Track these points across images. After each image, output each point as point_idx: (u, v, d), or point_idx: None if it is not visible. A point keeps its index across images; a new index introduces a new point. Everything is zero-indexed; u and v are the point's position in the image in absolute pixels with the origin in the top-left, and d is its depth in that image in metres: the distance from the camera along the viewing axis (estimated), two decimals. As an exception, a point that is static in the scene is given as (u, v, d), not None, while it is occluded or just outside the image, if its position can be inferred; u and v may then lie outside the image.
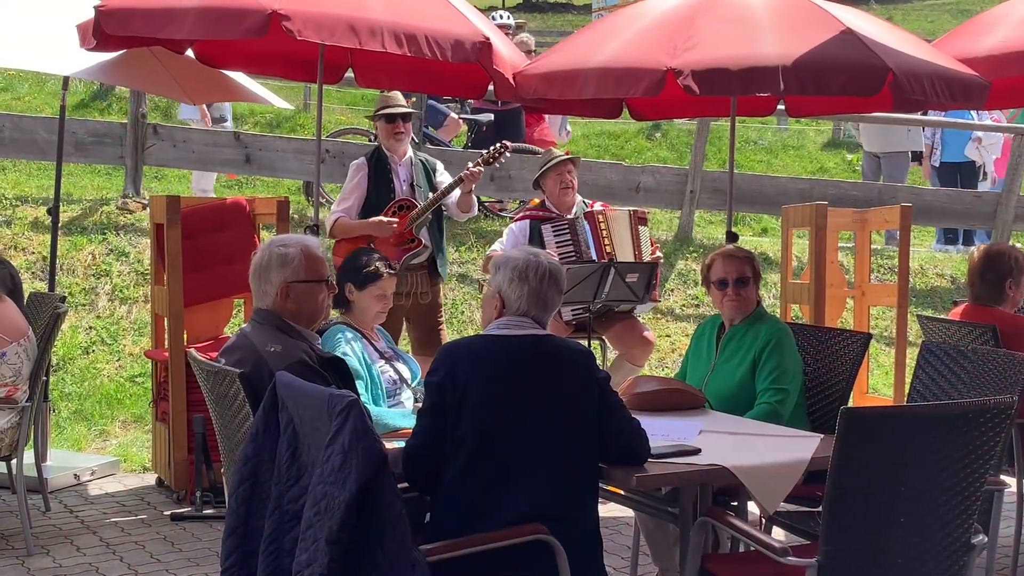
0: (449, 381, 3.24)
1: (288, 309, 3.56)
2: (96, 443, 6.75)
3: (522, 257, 3.44)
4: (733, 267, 4.43)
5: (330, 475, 2.81)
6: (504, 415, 3.20)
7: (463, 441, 3.20)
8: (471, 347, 3.34)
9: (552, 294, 3.41)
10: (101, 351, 7.62)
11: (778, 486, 3.34)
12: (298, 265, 3.55)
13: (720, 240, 9.48)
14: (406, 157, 6.16)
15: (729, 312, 4.45)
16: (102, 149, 9.33)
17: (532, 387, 3.23)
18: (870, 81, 4.83)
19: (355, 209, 6.09)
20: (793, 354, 4.34)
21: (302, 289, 3.56)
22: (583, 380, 3.28)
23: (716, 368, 4.43)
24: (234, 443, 3.43)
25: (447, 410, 3.23)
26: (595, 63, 5.13)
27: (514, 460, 3.18)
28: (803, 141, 14.79)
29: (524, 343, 3.31)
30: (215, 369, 3.46)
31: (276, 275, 3.56)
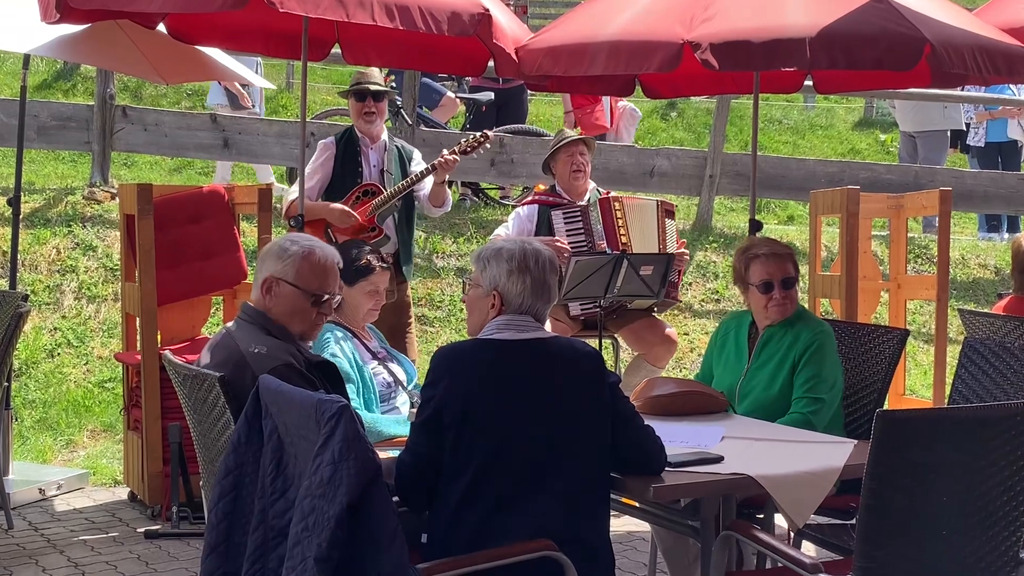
0: (448, 395, 3.22)
1: (270, 307, 3.56)
2: (63, 454, 6.76)
3: (515, 247, 3.41)
4: (777, 267, 4.34)
5: (319, 488, 2.81)
6: (511, 432, 3.19)
7: (465, 461, 3.19)
8: (472, 355, 3.29)
9: (554, 283, 3.41)
10: (67, 354, 7.63)
11: (808, 497, 3.34)
12: (292, 264, 3.53)
13: (742, 229, 9.48)
14: (380, 141, 6.15)
15: (775, 316, 4.36)
16: (66, 134, 9.34)
17: (540, 398, 3.22)
18: (906, 54, 4.82)
19: (316, 190, 6.05)
20: (834, 361, 4.30)
21: (285, 291, 3.53)
22: (594, 386, 3.28)
23: (750, 372, 4.39)
24: (214, 453, 3.43)
25: (446, 427, 3.21)
26: (605, 36, 5.12)
27: (521, 480, 3.18)
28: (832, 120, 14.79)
29: (530, 348, 3.29)
30: (192, 373, 3.46)
31: (268, 265, 3.56)
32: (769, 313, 4.37)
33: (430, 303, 8.40)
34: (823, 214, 6.45)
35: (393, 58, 6.27)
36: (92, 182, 9.15)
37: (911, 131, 10.94)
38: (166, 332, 6.00)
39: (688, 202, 10.41)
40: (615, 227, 5.97)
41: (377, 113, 6.11)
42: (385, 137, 6.19)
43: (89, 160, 9.55)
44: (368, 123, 6.10)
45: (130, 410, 6.01)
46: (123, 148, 9.54)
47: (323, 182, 6.08)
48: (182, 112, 10.49)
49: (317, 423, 2.87)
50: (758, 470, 3.33)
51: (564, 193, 6.14)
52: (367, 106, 6.10)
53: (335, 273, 3.62)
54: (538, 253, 3.40)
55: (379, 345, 4.72)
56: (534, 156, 8.90)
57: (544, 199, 6.15)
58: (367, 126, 6.10)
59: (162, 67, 6.63)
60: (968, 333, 5.31)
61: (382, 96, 6.14)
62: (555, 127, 11.24)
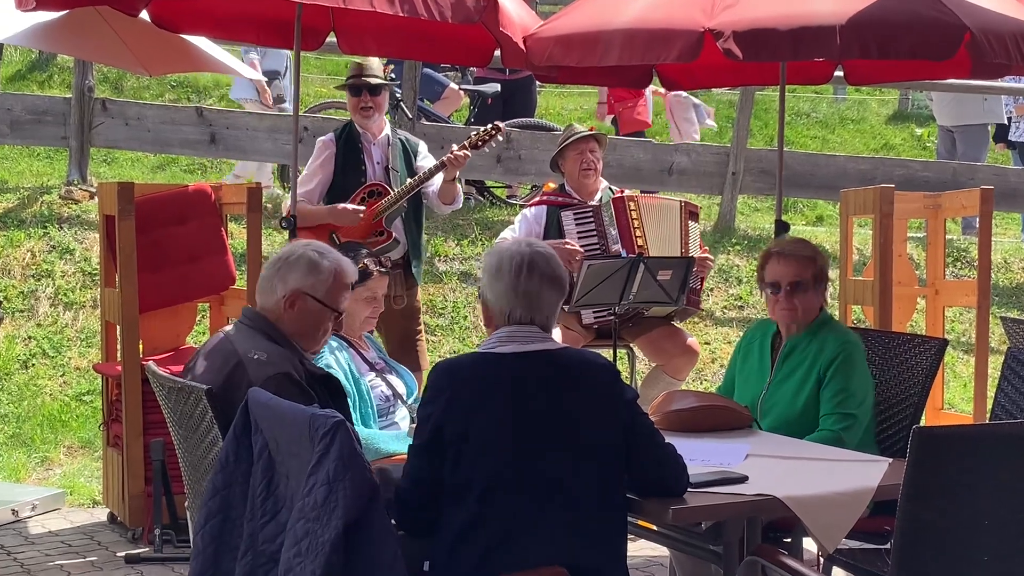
0: (447, 415, 3.21)
1: (286, 319, 3.60)
2: (38, 472, 6.76)
3: (496, 250, 3.39)
4: (788, 269, 4.34)
5: (312, 510, 2.81)
6: (515, 452, 3.17)
7: (467, 483, 3.18)
8: (472, 370, 3.28)
9: (536, 287, 3.31)
10: (42, 365, 7.64)
11: (839, 519, 3.33)
12: (324, 281, 3.62)
13: (767, 230, 9.47)
14: (382, 135, 6.16)
15: (781, 321, 4.41)
16: (42, 128, 9.36)
17: (547, 417, 3.20)
18: (943, 42, 4.81)
19: (317, 193, 6.08)
20: (863, 373, 4.29)
21: (312, 307, 3.62)
22: (608, 402, 3.25)
23: (773, 386, 4.39)
24: (200, 472, 3.44)
25: (446, 448, 3.20)
26: (620, 23, 5.12)
27: (529, 503, 3.16)
28: (864, 113, 14.78)
29: (533, 361, 3.26)
30: (177, 385, 3.47)
31: (295, 277, 3.61)
32: (776, 317, 4.40)
33: (432, 310, 8.40)
34: (855, 214, 6.44)
35: (392, 47, 6.28)
36: (69, 180, 9.17)
37: (949, 125, 10.92)
38: (148, 341, 6.01)
39: (709, 201, 10.40)
40: (630, 228, 5.96)
41: (375, 108, 6.12)
42: (388, 131, 6.20)
43: (66, 157, 9.57)
44: (366, 118, 6.11)
45: (110, 425, 6.02)
46: (103, 144, 9.56)
47: (324, 183, 6.09)
48: (166, 105, 10.51)
49: (311, 440, 2.87)
50: (785, 491, 3.32)
51: (574, 192, 6.14)
52: (363, 101, 6.11)
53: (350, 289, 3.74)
54: (513, 255, 3.34)
55: (377, 356, 4.72)
56: (543, 152, 8.90)
57: (553, 199, 6.14)
58: (365, 121, 6.11)
59: (145, 57, 6.64)
60: (1011, 343, 5.30)
61: (379, 89, 6.14)
62: (565, 121, 11.25)
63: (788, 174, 8.55)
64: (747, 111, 9.80)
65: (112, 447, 5.96)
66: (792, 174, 9.37)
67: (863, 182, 9.19)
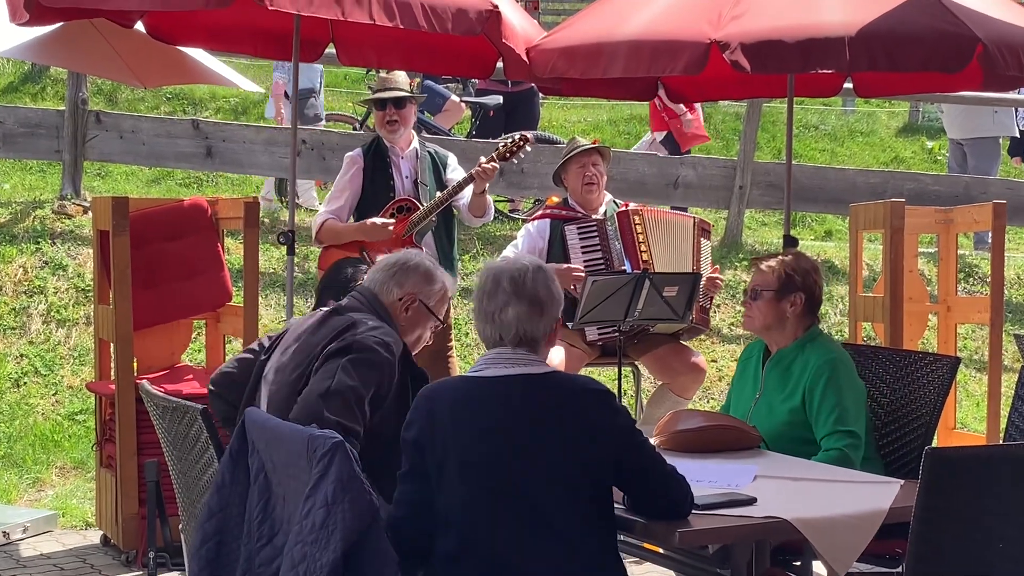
0: (427, 439, 3.19)
1: (399, 320, 3.89)
2: (29, 494, 6.75)
3: (484, 268, 3.40)
4: (754, 277, 4.50)
5: (310, 533, 2.81)
6: (494, 482, 3.15)
7: (450, 513, 3.17)
8: (452, 394, 3.26)
9: (500, 305, 3.27)
10: (34, 383, 7.64)
11: (850, 542, 3.32)
12: (436, 292, 3.97)
13: (775, 245, 9.46)
14: (410, 148, 6.17)
15: (744, 326, 4.55)
16: (35, 141, 9.36)
17: (527, 443, 3.16)
18: (955, 54, 4.83)
19: (346, 210, 6.10)
20: (852, 385, 4.30)
21: (422, 313, 3.94)
22: (593, 429, 3.18)
23: (760, 401, 4.42)
24: (195, 494, 3.43)
25: (429, 473, 3.19)
26: (625, 35, 5.13)
27: (516, 531, 3.14)
28: (874, 126, 14.79)
29: (514, 386, 3.22)
30: (172, 405, 3.47)
31: (414, 282, 3.93)
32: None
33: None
34: (864, 229, 6.44)
35: (393, 59, 6.29)
36: (63, 195, 9.17)
37: (960, 138, 10.93)
38: (143, 359, 6.00)
39: (716, 216, 10.40)
40: (635, 243, 5.96)
41: (400, 121, 6.12)
42: (416, 144, 6.21)
43: (59, 170, 9.58)
44: (392, 132, 6.12)
45: (103, 445, 6.01)
46: (97, 157, 9.57)
47: (353, 199, 6.11)
48: (161, 118, 10.52)
49: (308, 461, 2.87)
50: (795, 513, 3.31)
51: (577, 206, 6.14)
52: (388, 114, 6.12)
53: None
54: (484, 273, 3.34)
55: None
56: (547, 165, 8.91)
57: (556, 213, 6.15)
58: (391, 135, 6.13)
59: (140, 69, 6.65)
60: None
61: (404, 102, 6.15)
62: (569, 133, 11.26)
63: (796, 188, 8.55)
64: (754, 123, 9.81)
65: (105, 468, 5.95)
66: (800, 188, 9.37)
67: (873, 196, 9.20)
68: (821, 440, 4.22)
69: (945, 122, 11.45)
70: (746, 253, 9.50)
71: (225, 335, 6.38)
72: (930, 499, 2.88)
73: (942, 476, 2.87)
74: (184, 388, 5.81)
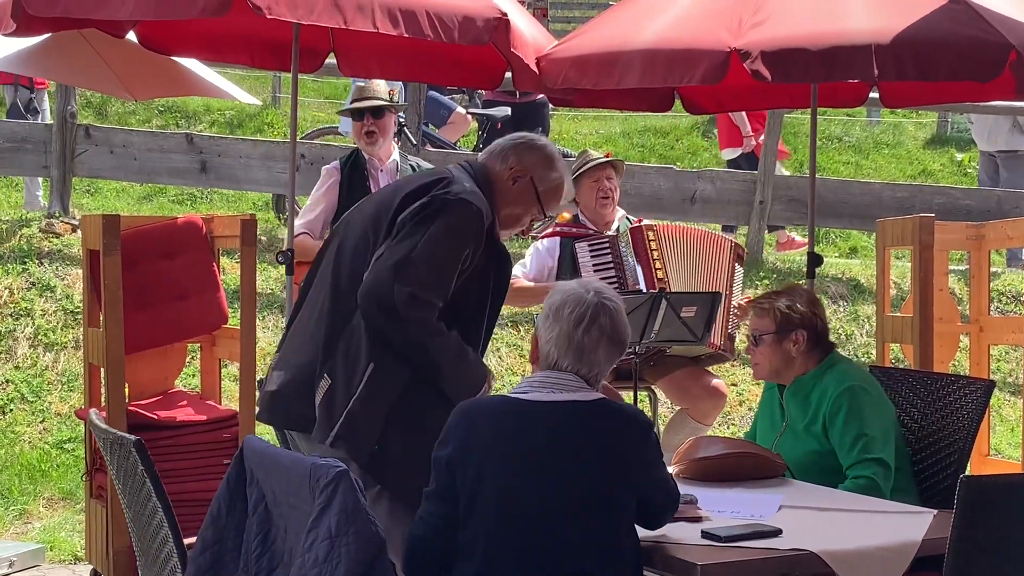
0: (461, 459, 3.21)
1: (503, 189, 4.01)
2: (15, 526, 6.75)
3: (568, 289, 3.39)
4: (752, 321, 4.54)
5: (313, 567, 2.80)
6: (524, 509, 3.16)
7: (475, 538, 3.18)
8: (492, 413, 3.29)
9: (593, 343, 3.32)
10: (21, 410, 7.64)
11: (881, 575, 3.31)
12: (552, 180, 4.08)
13: (798, 263, 9.46)
14: (390, 161, 6.19)
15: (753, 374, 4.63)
16: (21, 157, 9.40)
17: (563, 473, 3.18)
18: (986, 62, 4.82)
19: (320, 224, 6.10)
20: (876, 411, 4.29)
21: (528, 193, 4.05)
22: (627, 463, 3.22)
23: (786, 431, 4.44)
24: (148, 535, 3.37)
25: (458, 494, 3.21)
26: (640, 44, 5.13)
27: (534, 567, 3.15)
28: (901, 137, 14.79)
29: (558, 412, 3.25)
30: (110, 437, 3.42)
31: (533, 160, 4.04)
32: None
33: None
34: (892, 246, 6.43)
35: (396, 69, 6.31)
36: (50, 212, 9.20)
37: (992, 150, 10.92)
38: (135, 385, 6.00)
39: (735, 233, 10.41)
40: (650, 260, 5.96)
41: (379, 132, 6.15)
42: (396, 156, 6.23)
43: (47, 187, 9.61)
44: (370, 144, 6.14)
45: (93, 475, 6.01)
46: (86, 173, 9.60)
47: (328, 213, 6.12)
48: (153, 132, 10.56)
49: (311, 491, 2.87)
50: (823, 545, 3.30)
51: (589, 223, 6.14)
52: (366, 125, 6.15)
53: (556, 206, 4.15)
54: (579, 302, 3.33)
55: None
56: (557, 180, 8.91)
57: (567, 230, 6.15)
58: (370, 147, 6.15)
59: (131, 81, 6.67)
60: (1063, 384, 5.28)
61: (383, 112, 6.17)
62: (580, 146, 11.28)
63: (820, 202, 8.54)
64: (775, 135, 9.82)
65: (95, 499, 5.94)
66: (824, 202, 9.37)
67: (900, 211, 9.19)
68: (847, 470, 4.21)
69: (975, 133, 11.44)
70: (767, 271, 9.49)
71: (221, 359, 6.38)
72: (966, 530, 2.87)
73: (979, 506, 2.86)
74: (178, 415, 5.81)
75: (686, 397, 6.10)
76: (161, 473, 3.43)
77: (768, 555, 3.28)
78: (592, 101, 6.19)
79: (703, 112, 6.73)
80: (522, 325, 8.63)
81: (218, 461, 5.65)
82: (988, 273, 6.76)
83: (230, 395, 6.40)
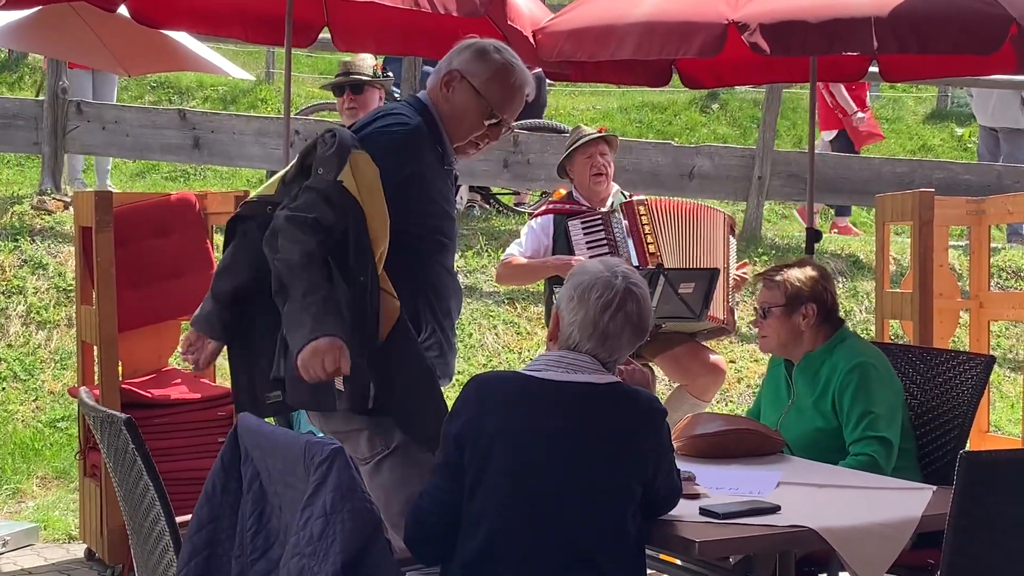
0: (472, 433, 3.21)
1: (441, 100, 3.80)
2: (9, 505, 6.76)
3: (596, 271, 3.34)
4: (761, 293, 4.51)
5: (308, 545, 2.80)
6: (528, 490, 3.16)
7: (480, 513, 3.18)
8: (506, 389, 3.27)
9: (618, 329, 3.29)
10: (13, 389, 7.64)
11: (879, 552, 3.31)
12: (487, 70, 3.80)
13: (797, 239, 9.46)
14: None
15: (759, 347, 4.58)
16: (12, 133, 9.38)
17: (571, 454, 3.18)
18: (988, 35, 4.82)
19: None
20: (886, 390, 4.29)
21: (466, 94, 3.79)
22: (637, 447, 3.21)
23: (792, 408, 4.43)
24: (140, 514, 3.37)
25: (465, 470, 3.21)
26: (636, 16, 5.13)
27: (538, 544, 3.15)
28: (900, 112, 14.79)
29: (571, 392, 3.23)
30: (100, 415, 3.41)
31: (459, 60, 3.78)
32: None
33: (434, 327, 8.39)
34: (891, 221, 6.43)
35: (391, 43, 6.30)
36: (42, 189, 9.18)
37: (992, 125, 10.91)
38: (128, 363, 6.00)
39: (733, 208, 10.40)
40: (641, 235, 5.94)
41: (359, 108, 6.13)
42: None
43: (38, 164, 9.59)
44: (352, 119, 6.11)
45: (87, 454, 6.01)
46: (78, 150, 9.58)
47: None
48: (146, 108, 10.54)
49: (306, 469, 2.86)
50: (821, 521, 3.30)
51: (583, 199, 6.13)
52: (347, 101, 6.14)
53: (520, 102, 3.82)
54: (608, 286, 3.29)
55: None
56: (553, 156, 8.88)
57: (560, 207, 6.13)
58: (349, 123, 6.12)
59: (123, 56, 6.67)
60: (1063, 360, 5.28)
61: (362, 88, 6.14)
62: (577, 121, 11.25)
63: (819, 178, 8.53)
64: (774, 110, 9.80)
65: (89, 477, 5.95)
66: (823, 178, 9.35)
67: (900, 186, 9.19)
68: (849, 446, 4.22)
69: (975, 108, 11.43)
70: (765, 247, 9.49)
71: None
72: (965, 506, 2.87)
73: (978, 482, 2.86)
74: (172, 392, 5.81)
75: (685, 374, 6.10)
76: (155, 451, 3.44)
77: (766, 532, 3.27)
78: (588, 75, 6.18)
79: (701, 87, 6.73)
80: (519, 302, 8.63)
81: (212, 439, 5.65)
82: (988, 248, 6.75)
83: (224, 373, 6.38)
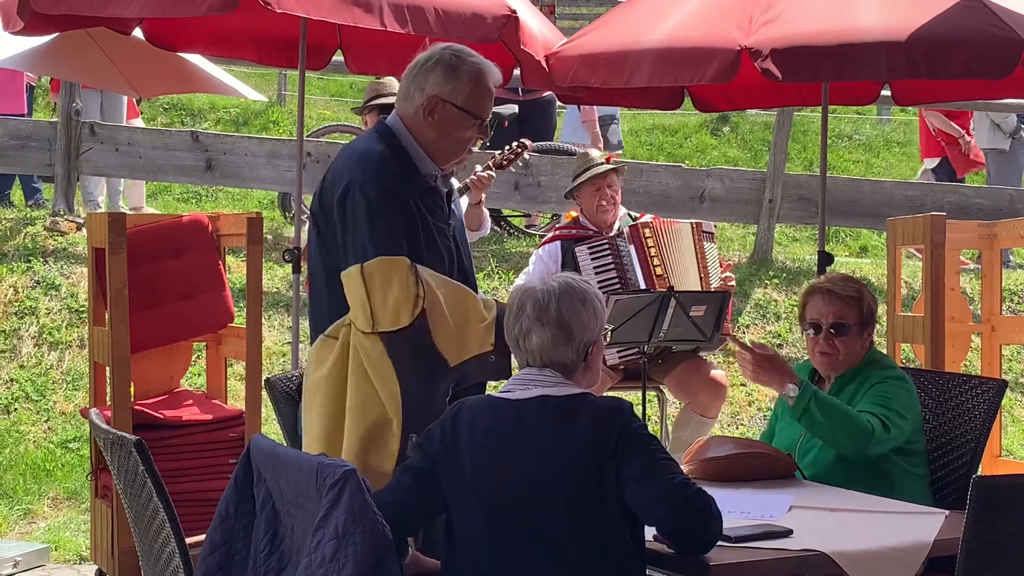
0: (444, 461, 3.25)
1: (425, 127, 3.82)
2: (20, 526, 6.76)
3: (512, 291, 3.43)
4: (831, 308, 4.29)
5: (320, 566, 2.81)
6: (499, 505, 3.18)
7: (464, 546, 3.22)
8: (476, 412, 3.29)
9: (525, 329, 3.29)
10: (25, 409, 7.65)
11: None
12: (464, 86, 3.79)
13: (808, 262, 9.46)
14: None
15: (819, 366, 4.36)
16: (26, 155, 9.41)
17: (537, 467, 3.17)
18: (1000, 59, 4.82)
19: None
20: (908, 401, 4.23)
21: (450, 114, 3.81)
22: (601, 451, 3.16)
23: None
24: (150, 536, 3.37)
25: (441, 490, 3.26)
26: (649, 42, 5.14)
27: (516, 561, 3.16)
28: (911, 135, 14.77)
29: (529, 408, 3.23)
30: (111, 437, 3.42)
31: (434, 83, 3.76)
32: (814, 360, 4.36)
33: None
34: (903, 245, 6.42)
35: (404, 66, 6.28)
36: (55, 211, 9.21)
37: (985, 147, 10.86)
38: (140, 384, 6.01)
39: (744, 231, 10.40)
40: (647, 257, 5.95)
41: None
42: None
43: (52, 185, 9.62)
44: None
45: (98, 474, 6.01)
46: (91, 171, 9.60)
47: None
48: (159, 129, 10.57)
49: (318, 490, 2.87)
50: (833, 545, 3.30)
51: (590, 224, 6.15)
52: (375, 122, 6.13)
53: (493, 94, 3.87)
54: (515, 295, 3.36)
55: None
56: (564, 178, 8.90)
57: (567, 232, 6.15)
58: None
59: (137, 79, 6.69)
60: (1076, 384, 5.27)
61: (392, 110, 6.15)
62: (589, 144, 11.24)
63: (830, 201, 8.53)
64: (784, 133, 9.80)
65: (101, 498, 5.95)
66: (834, 201, 9.35)
67: (911, 210, 9.18)
68: (857, 405, 4.16)
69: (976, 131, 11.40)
70: (776, 270, 9.48)
71: (226, 358, 6.39)
72: (978, 531, 2.87)
73: (992, 507, 2.86)
74: (184, 414, 5.82)
75: (686, 392, 6.11)
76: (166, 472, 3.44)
77: (779, 555, 3.27)
78: (601, 99, 6.21)
79: (712, 110, 6.74)
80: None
81: (224, 460, 5.66)
82: (1000, 272, 6.75)
83: (236, 394, 6.40)
